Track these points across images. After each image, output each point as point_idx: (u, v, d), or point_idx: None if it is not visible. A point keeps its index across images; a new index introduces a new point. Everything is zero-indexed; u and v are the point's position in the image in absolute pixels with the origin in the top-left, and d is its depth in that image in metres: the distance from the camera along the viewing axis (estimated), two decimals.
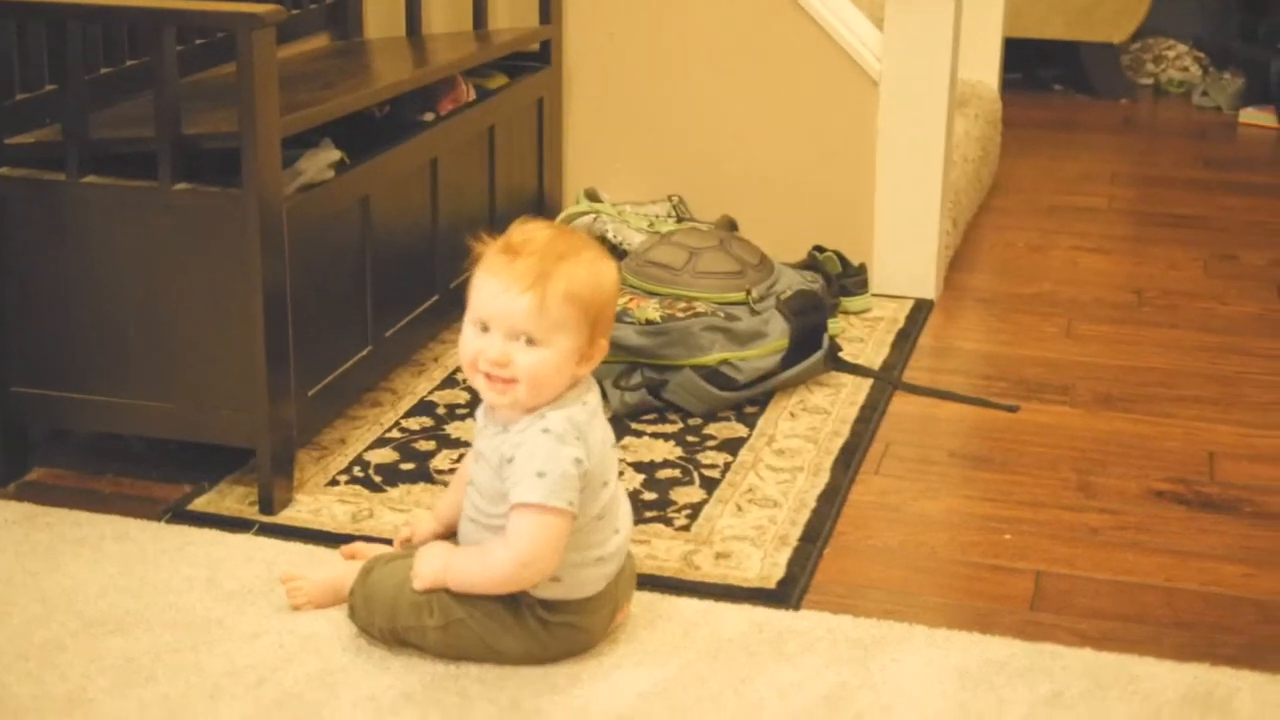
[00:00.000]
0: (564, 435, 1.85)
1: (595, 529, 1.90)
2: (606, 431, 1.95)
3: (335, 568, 2.08)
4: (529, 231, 1.89)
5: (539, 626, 1.90)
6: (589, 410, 1.90)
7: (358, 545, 2.14)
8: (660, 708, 1.84)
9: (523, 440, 1.86)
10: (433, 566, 1.92)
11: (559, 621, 1.91)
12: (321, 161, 2.46)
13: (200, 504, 2.36)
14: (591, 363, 1.90)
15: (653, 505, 2.37)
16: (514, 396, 1.86)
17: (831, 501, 2.40)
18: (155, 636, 1.98)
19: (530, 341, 1.85)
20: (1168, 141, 4.96)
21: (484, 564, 1.89)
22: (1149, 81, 5.64)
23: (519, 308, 1.83)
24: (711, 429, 2.65)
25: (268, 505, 2.33)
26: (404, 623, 1.91)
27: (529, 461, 1.84)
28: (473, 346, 1.88)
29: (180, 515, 2.33)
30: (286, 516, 2.32)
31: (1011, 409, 2.78)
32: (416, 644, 1.92)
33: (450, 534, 2.05)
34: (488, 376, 1.86)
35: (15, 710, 1.81)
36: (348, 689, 1.87)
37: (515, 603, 1.90)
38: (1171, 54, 5.65)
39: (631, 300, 2.78)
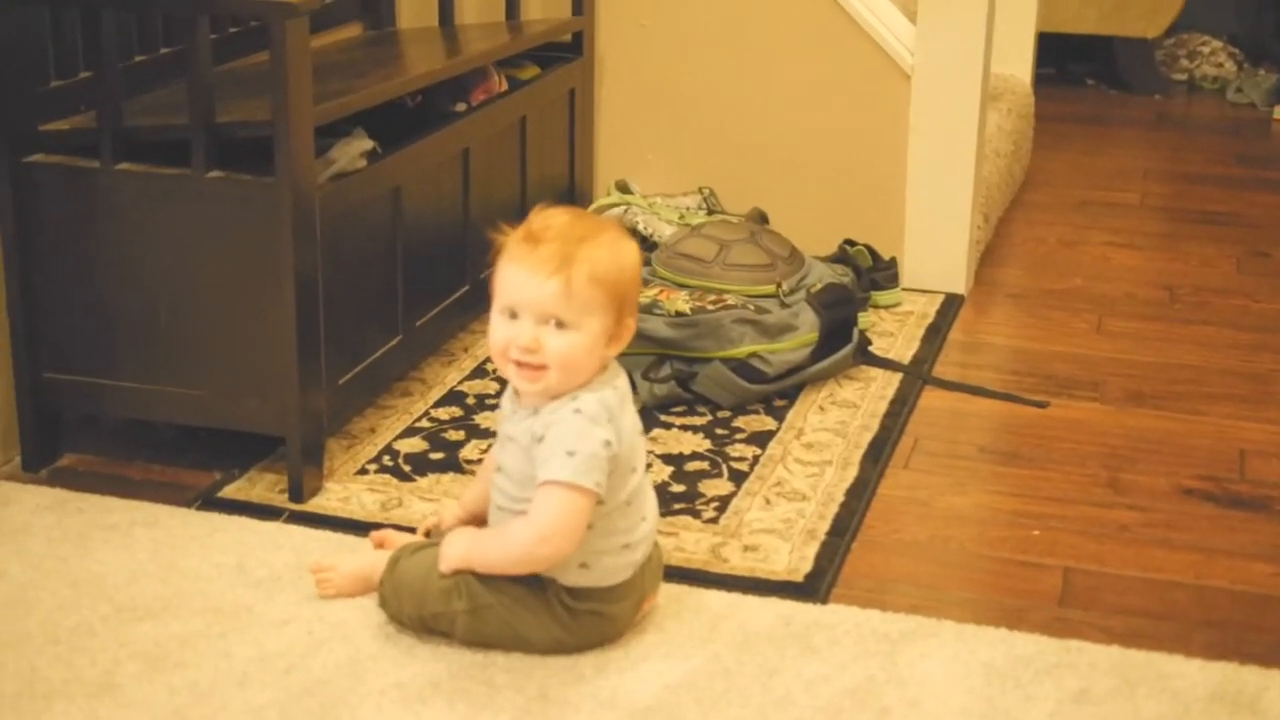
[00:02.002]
0: (596, 416, 1.85)
1: (623, 514, 1.91)
2: (636, 418, 1.95)
3: (364, 557, 2.09)
4: (548, 218, 1.89)
5: (565, 614, 1.91)
6: (619, 394, 1.90)
7: (387, 533, 2.15)
8: (687, 699, 1.84)
9: (554, 420, 1.87)
10: (458, 549, 1.93)
11: (585, 609, 1.91)
12: (354, 151, 2.47)
13: (230, 491, 2.37)
14: (620, 343, 1.90)
15: (681, 497, 2.37)
16: (545, 383, 1.87)
17: (860, 495, 2.39)
18: (185, 623, 1.99)
19: (560, 325, 1.85)
20: (1201, 138, 4.94)
21: (504, 541, 1.90)
22: (1183, 77, 5.61)
23: (547, 292, 1.84)
24: (740, 421, 2.65)
25: (297, 493, 2.34)
26: (432, 609, 1.92)
27: (560, 440, 1.85)
28: (502, 334, 1.88)
29: (210, 502, 2.34)
30: (316, 504, 2.33)
31: (1041, 405, 2.77)
32: (445, 631, 1.93)
33: (476, 523, 2.05)
34: (518, 364, 1.87)
35: (46, 694, 1.83)
36: (376, 677, 1.88)
37: (542, 589, 1.90)
38: (1206, 50, 5.62)
39: (662, 292, 2.78)
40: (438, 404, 2.69)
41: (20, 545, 2.18)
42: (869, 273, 3.20)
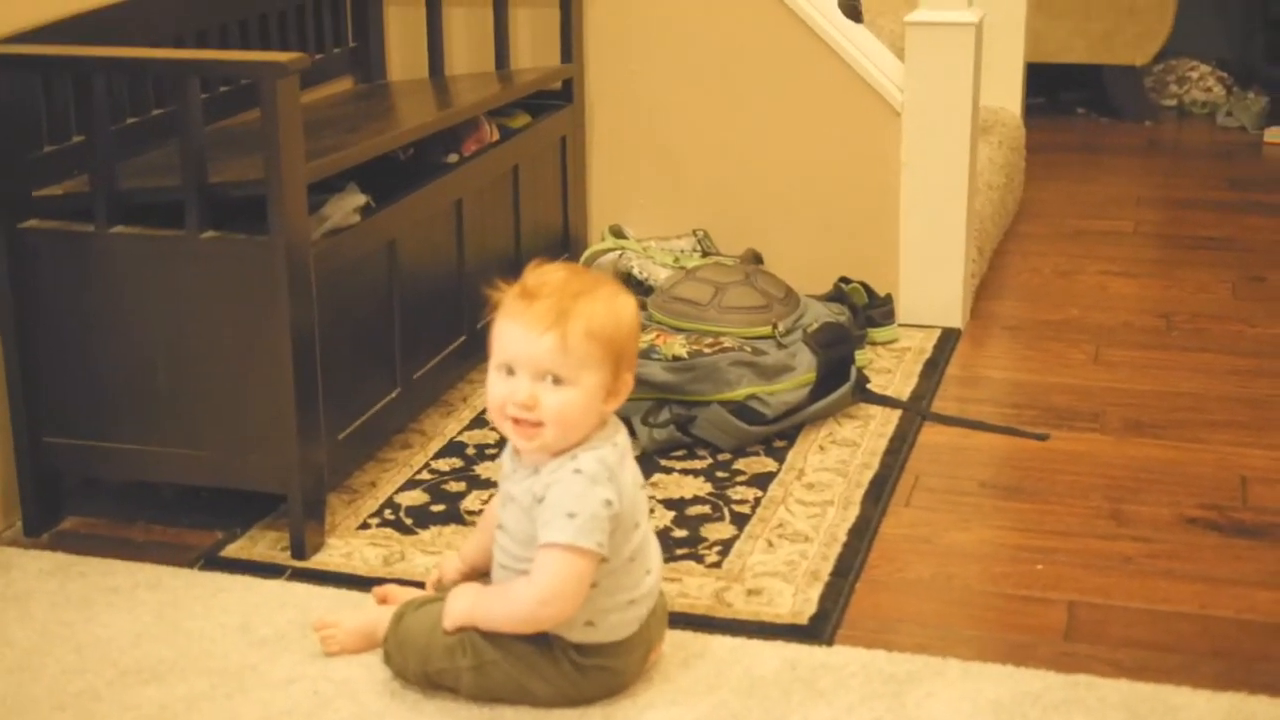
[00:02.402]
0: (596, 476, 1.85)
1: (627, 571, 1.91)
2: (636, 473, 1.95)
3: (368, 613, 2.08)
4: (544, 274, 1.89)
5: (573, 670, 1.90)
6: (619, 451, 1.90)
7: (390, 588, 2.14)
8: None
9: (554, 480, 1.87)
10: (461, 606, 1.93)
11: (593, 665, 1.91)
12: (347, 206, 2.48)
13: (232, 550, 2.37)
14: (618, 399, 1.90)
15: (683, 542, 2.37)
16: (542, 440, 1.87)
17: (862, 535, 2.39)
18: (190, 684, 1.99)
19: (557, 381, 1.85)
20: (1193, 163, 4.95)
21: (507, 602, 1.89)
22: (1172, 103, 5.63)
23: (543, 348, 1.84)
24: (741, 464, 2.65)
25: (300, 550, 2.33)
26: (437, 665, 1.92)
27: (560, 502, 1.85)
28: (500, 391, 1.88)
29: (213, 562, 2.34)
30: (318, 561, 2.33)
31: (1042, 437, 2.78)
32: (450, 686, 1.93)
33: (477, 576, 2.05)
34: (515, 421, 1.87)
35: None
36: None
37: (549, 646, 1.90)
38: (1195, 75, 5.64)
39: (658, 336, 2.78)
40: (438, 455, 2.69)
41: (24, 611, 2.18)
42: (865, 310, 3.20)
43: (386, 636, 1.97)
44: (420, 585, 2.15)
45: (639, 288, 3.25)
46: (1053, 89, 5.60)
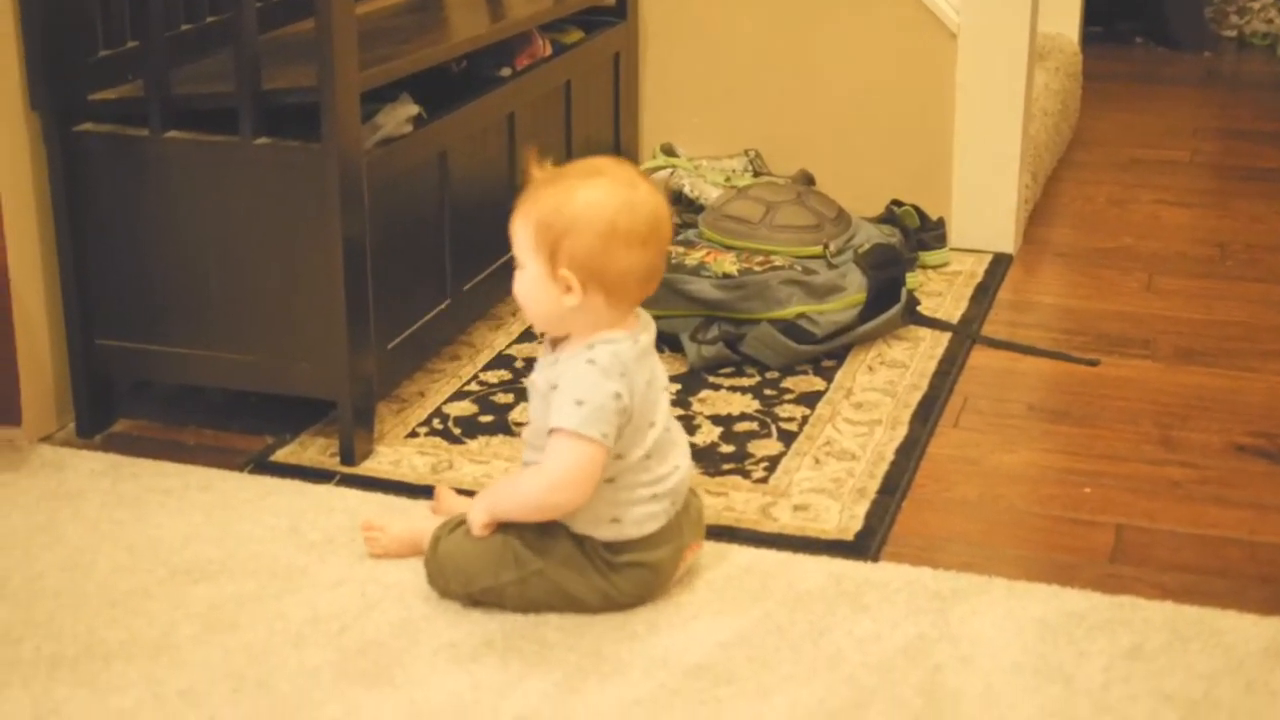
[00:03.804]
0: (608, 370, 1.86)
1: (644, 468, 1.91)
2: (659, 374, 1.95)
3: (414, 521, 2.10)
4: (566, 164, 1.94)
5: (607, 569, 1.91)
6: (639, 349, 1.90)
7: (443, 491, 2.16)
8: (739, 657, 1.85)
9: (568, 368, 1.88)
10: (480, 505, 1.94)
11: (625, 562, 1.92)
12: (400, 116, 2.47)
13: (282, 455, 2.39)
14: (571, 293, 1.87)
15: (730, 458, 2.37)
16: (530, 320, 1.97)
17: (910, 454, 2.39)
18: (239, 584, 2.01)
19: (519, 264, 1.92)
20: (1251, 94, 4.89)
21: (518, 491, 1.92)
22: (1232, 34, 5.56)
23: (510, 231, 1.93)
24: (789, 382, 2.65)
25: (349, 456, 2.35)
26: (480, 585, 1.93)
27: (570, 389, 1.86)
28: None
29: (262, 466, 2.36)
30: (367, 468, 2.34)
31: (1092, 363, 2.76)
32: (495, 602, 1.94)
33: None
34: None
35: (105, 655, 1.85)
36: (429, 637, 1.89)
37: (583, 548, 1.91)
38: (1256, 5, 5.57)
39: (709, 254, 2.77)
40: (486, 367, 2.70)
41: (77, 510, 2.20)
42: (916, 233, 3.18)
43: (426, 561, 1.98)
44: (471, 494, 2.16)
45: (690, 206, 3.24)
46: (1111, 17, 5.53)
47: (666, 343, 2.67)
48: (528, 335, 2.84)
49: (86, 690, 1.77)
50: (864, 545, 2.12)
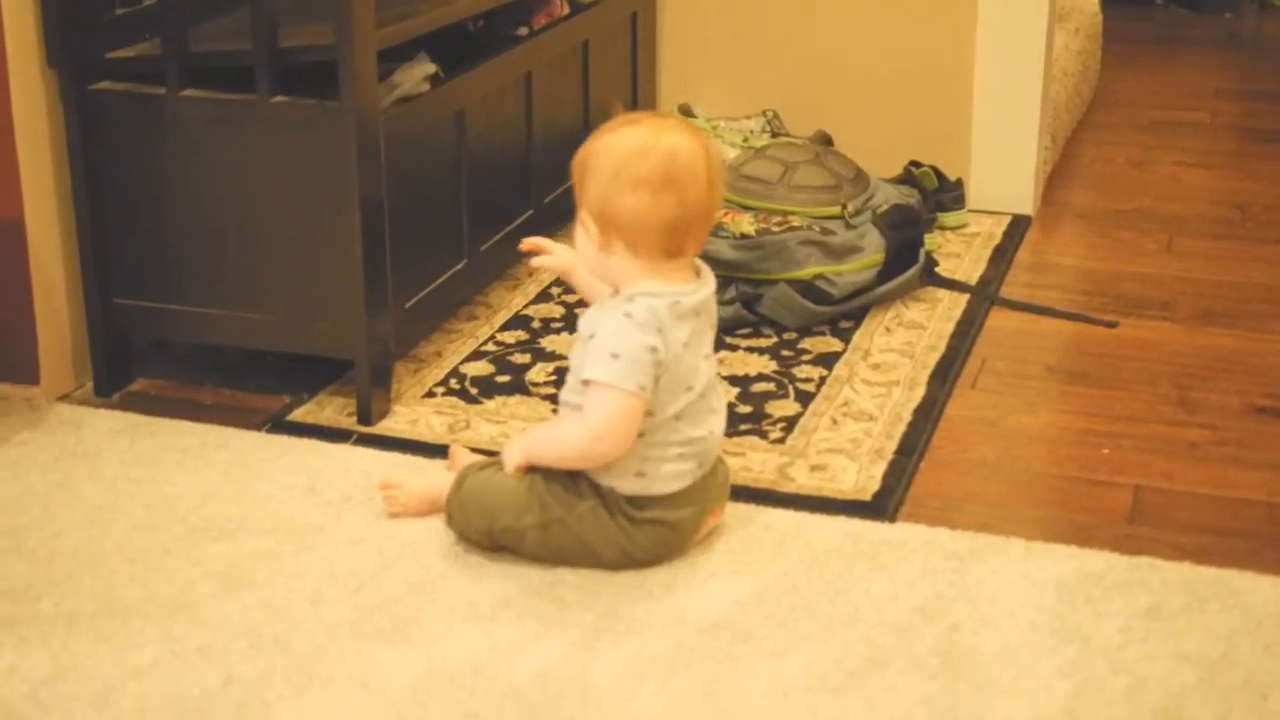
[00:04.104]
0: (644, 324, 1.86)
1: (673, 429, 1.91)
2: (703, 339, 1.93)
3: (432, 478, 2.10)
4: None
5: (628, 524, 1.91)
6: (678, 310, 1.89)
7: (459, 449, 2.16)
8: (756, 616, 1.85)
9: (605, 319, 1.89)
10: (516, 450, 1.95)
11: (646, 518, 1.92)
12: (417, 75, 2.46)
13: (299, 414, 2.39)
14: (593, 240, 1.90)
15: (747, 418, 2.37)
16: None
17: (927, 415, 2.38)
18: (257, 542, 2.01)
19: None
20: (1272, 56, 4.86)
21: (558, 437, 1.93)
22: None
23: None
24: (806, 343, 2.64)
25: (366, 416, 2.35)
26: (502, 524, 1.93)
27: (605, 341, 1.86)
28: None
29: (279, 425, 2.36)
30: (384, 427, 2.35)
31: (1110, 324, 2.75)
32: (514, 545, 1.94)
33: None
34: None
35: (124, 612, 1.85)
36: (446, 595, 1.89)
37: (606, 501, 1.91)
38: None
39: (726, 214, 2.76)
40: (503, 328, 2.70)
41: (95, 468, 2.21)
42: (935, 194, 3.17)
43: (449, 499, 1.98)
44: (490, 454, 2.16)
45: None
46: None
47: None
48: (544, 296, 2.83)
49: (105, 646, 1.78)
50: (881, 505, 2.12)
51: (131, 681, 1.71)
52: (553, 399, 2.41)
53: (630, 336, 1.85)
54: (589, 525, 1.91)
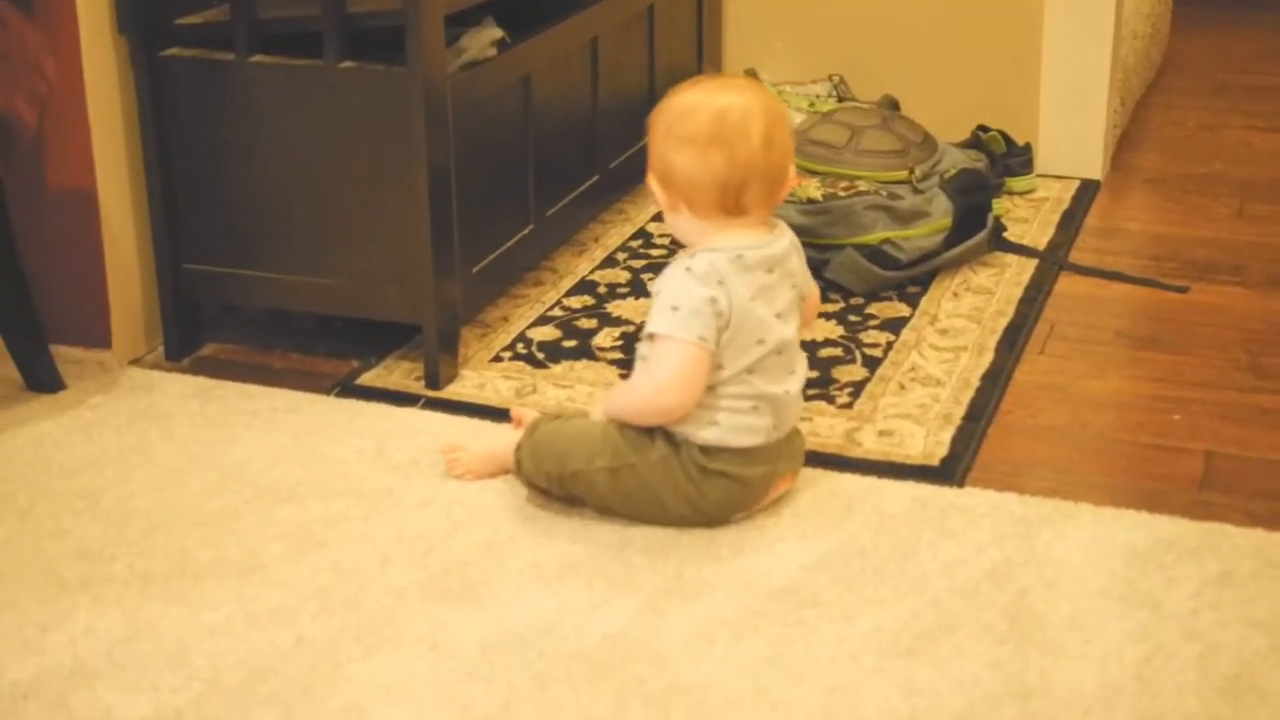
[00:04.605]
0: (704, 276, 1.87)
1: (745, 382, 1.91)
2: (775, 295, 1.93)
3: (497, 437, 2.11)
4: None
5: (698, 474, 1.92)
6: (742, 263, 1.89)
7: (525, 410, 2.17)
8: (823, 580, 1.85)
9: (668, 274, 1.91)
10: (598, 411, 2.00)
11: (716, 469, 1.92)
12: (484, 40, 2.47)
13: (367, 379, 2.40)
14: (676, 212, 1.94)
15: (814, 384, 2.36)
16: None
17: (996, 381, 2.37)
18: (327, 505, 2.03)
19: None
20: None
21: (629, 394, 1.95)
22: None
23: None
24: (873, 308, 2.63)
25: (434, 380, 2.36)
26: (573, 467, 1.95)
27: (667, 295, 1.89)
28: None
29: (348, 389, 2.37)
30: (452, 391, 2.36)
31: (1181, 290, 2.72)
32: (583, 491, 1.96)
33: None
34: None
35: (196, 573, 1.87)
36: (514, 557, 1.90)
37: (679, 451, 1.92)
38: None
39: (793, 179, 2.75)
40: (569, 293, 2.70)
41: (166, 431, 2.23)
42: (1003, 159, 3.15)
43: (519, 445, 2.00)
44: None
45: None
46: None
47: None
48: (610, 261, 2.83)
49: (179, 607, 1.80)
50: (949, 470, 2.11)
51: (205, 641, 1.73)
52: (619, 364, 2.42)
53: (690, 289, 1.87)
54: (659, 473, 1.92)
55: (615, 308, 2.64)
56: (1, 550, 1.93)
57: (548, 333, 2.55)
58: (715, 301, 1.87)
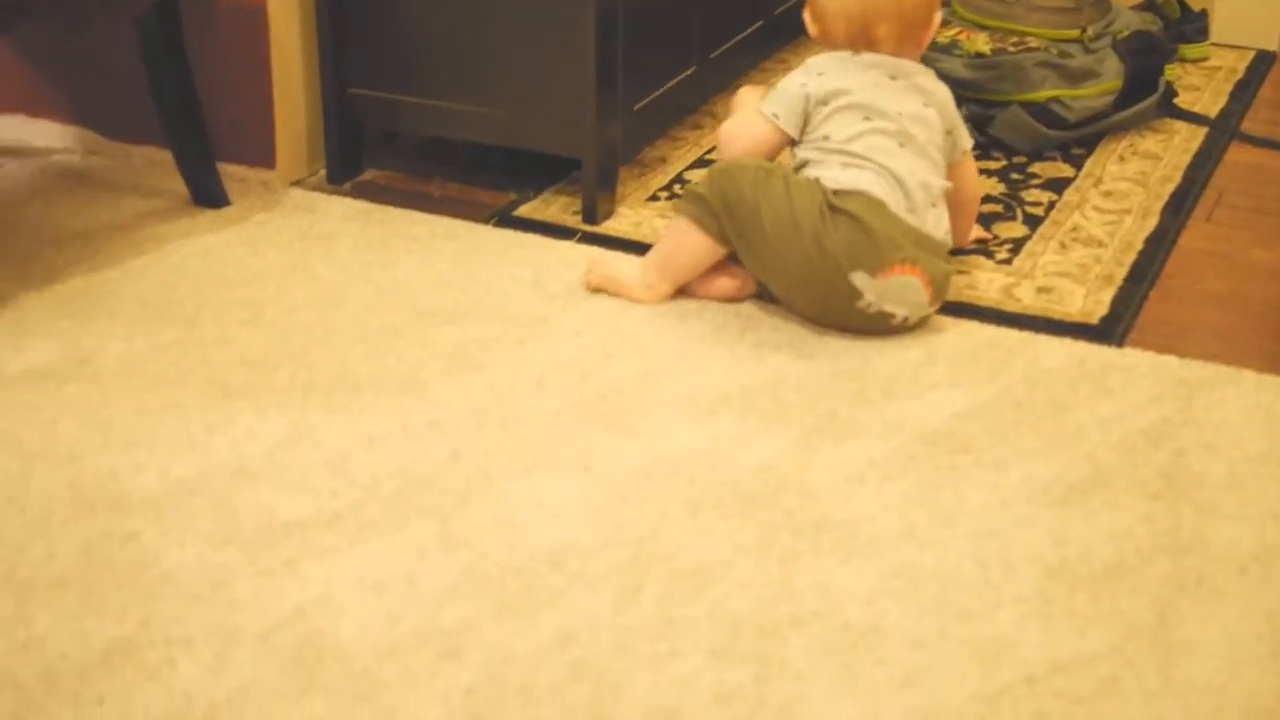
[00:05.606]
0: (806, 68, 2.11)
1: (856, 145, 2.04)
2: (890, 93, 2.06)
3: (626, 263, 2.17)
4: None
5: (829, 212, 2.00)
6: (857, 61, 2.08)
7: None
8: (976, 428, 1.84)
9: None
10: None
11: (844, 208, 1.99)
12: None
13: (525, 210, 2.41)
14: (823, 46, 2.15)
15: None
16: None
17: (1159, 244, 2.33)
18: (483, 328, 2.05)
19: None
20: None
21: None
22: None
23: None
24: (1036, 167, 2.59)
25: (591, 215, 2.37)
26: (727, 165, 2.09)
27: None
28: None
29: (506, 220, 2.39)
30: (608, 227, 2.36)
31: None
32: (733, 193, 2.05)
33: None
34: None
35: (356, 385, 1.91)
36: (668, 388, 1.91)
37: (820, 186, 2.03)
38: None
39: (961, 32, 2.70)
40: None
41: (328, 250, 2.26)
42: (1177, 24, 3.07)
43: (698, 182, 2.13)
44: None
45: None
46: None
47: None
48: None
49: (340, 416, 1.84)
50: (1109, 330, 2.08)
51: (364, 450, 1.77)
52: None
53: (793, 76, 2.11)
54: (803, 191, 2.01)
55: None
56: (167, 355, 1.97)
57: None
58: (804, 85, 2.08)
